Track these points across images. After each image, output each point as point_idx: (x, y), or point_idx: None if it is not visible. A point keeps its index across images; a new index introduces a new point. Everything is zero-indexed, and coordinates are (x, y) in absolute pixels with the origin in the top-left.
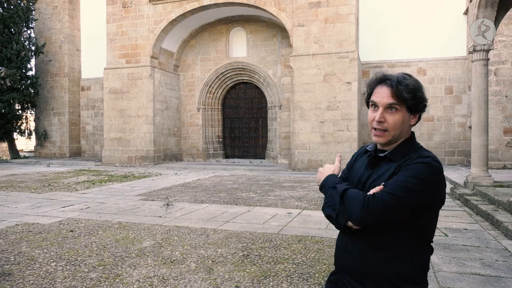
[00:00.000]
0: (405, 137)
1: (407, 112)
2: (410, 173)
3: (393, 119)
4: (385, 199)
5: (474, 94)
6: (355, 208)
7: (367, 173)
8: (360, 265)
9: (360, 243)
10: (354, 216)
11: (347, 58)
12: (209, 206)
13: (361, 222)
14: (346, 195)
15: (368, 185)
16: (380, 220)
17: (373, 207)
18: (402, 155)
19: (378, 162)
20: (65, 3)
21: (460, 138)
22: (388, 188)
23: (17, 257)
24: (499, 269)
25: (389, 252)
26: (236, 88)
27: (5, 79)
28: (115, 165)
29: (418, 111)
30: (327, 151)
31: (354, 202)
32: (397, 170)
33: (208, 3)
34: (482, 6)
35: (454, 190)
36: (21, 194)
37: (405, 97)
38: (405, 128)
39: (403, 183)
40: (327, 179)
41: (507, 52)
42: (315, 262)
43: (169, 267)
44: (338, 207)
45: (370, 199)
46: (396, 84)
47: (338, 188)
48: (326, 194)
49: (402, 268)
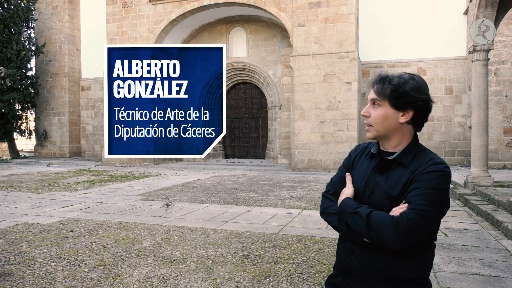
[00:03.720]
0: (408, 138)
1: (392, 108)
2: (428, 184)
3: (374, 114)
4: (413, 217)
5: (474, 94)
6: (386, 232)
7: (375, 178)
8: (369, 268)
9: (369, 247)
10: (387, 241)
11: (347, 58)
12: (209, 206)
13: (398, 245)
14: (372, 220)
15: (380, 193)
16: (413, 238)
17: (404, 228)
18: (411, 158)
19: (386, 166)
20: (65, 3)
21: (460, 138)
22: (413, 205)
23: (17, 257)
24: (499, 269)
25: (399, 255)
26: (236, 88)
27: (5, 79)
28: (115, 165)
29: (404, 107)
30: (327, 151)
31: (384, 226)
32: (411, 177)
33: (208, 3)
34: (482, 6)
35: (454, 190)
36: (21, 194)
37: (386, 92)
38: (391, 125)
39: (425, 196)
40: (344, 204)
41: (507, 52)
42: (315, 262)
43: (169, 267)
44: (364, 233)
45: (399, 220)
46: (380, 80)
47: (361, 212)
48: (347, 220)
49: (411, 270)
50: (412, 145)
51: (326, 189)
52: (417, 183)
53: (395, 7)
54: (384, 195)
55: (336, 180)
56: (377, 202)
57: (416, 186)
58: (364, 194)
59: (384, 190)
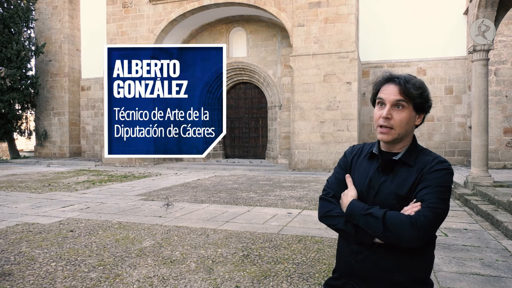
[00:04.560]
0: (411, 139)
1: (413, 111)
2: (438, 182)
3: (399, 117)
4: (428, 215)
5: (474, 94)
6: (404, 231)
7: (379, 178)
8: (375, 268)
9: (377, 248)
10: (406, 240)
11: (347, 58)
12: (209, 206)
13: (414, 244)
14: (388, 220)
15: (388, 193)
16: (428, 236)
17: (422, 226)
18: (414, 158)
19: (391, 167)
20: (65, 3)
21: (460, 138)
22: (427, 203)
23: (17, 257)
24: (499, 269)
25: (404, 255)
26: (236, 88)
27: (5, 79)
28: (115, 165)
29: (424, 110)
30: (327, 151)
31: (401, 226)
32: (419, 176)
33: (208, 3)
34: (482, 6)
35: (454, 190)
36: (21, 194)
37: (413, 95)
38: (410, 128)
39: (437, 194)
40: (353, 206)
41: (507, 52)
42: (315, 262)
43: (169, 267)
44: (380, 233)
45: (417, 219)
46: (404, 82)
47: (375, 213)
48: (357, 222)
49: (415, 269)
50: (413, 145)
51: (324, 192)
52: (426, 181)
53: (395, 7)
54: (392, 195)
55: (334, 182)
56: (385, 202)
57: (425, 184)
58: (368, 195)
59: (392, 190)
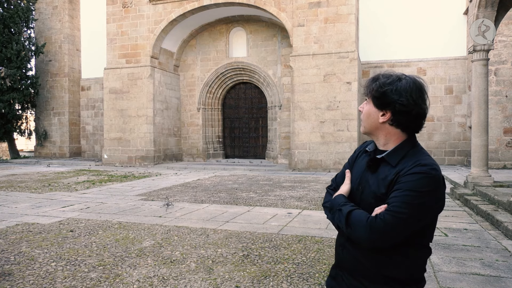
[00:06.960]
0: (397, 139)
1: (374, 107)
2: (408, 186)
3: (364, 110)
4: (386, 218)
5: (474, 94)
6: (360, 231)
7: (367, 176)
8: (356, 263)
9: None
10: (361, 240)
11: (347, 58)
12: (209, 206)
13: (369, 244)
14: (351, 218)
15: (369, 191)
16: (387, 240)
17: (377, 229)
18: (399, 158)
19: (376, 165)
20: (65, 3)
21: (460, 138)
22: (389, 206)
23: (17, 257)
24: (499, 269)
25: (378, 254)
26: (236, 88)
27: (5, 79)
28: (115, 165)
29: (383, 107)
30: (327, 151)
31: (358, 225)
32: (395, 178)
33: (208, 3)
34: (482, 6)
35: (454, 190)
36: (21, 194)
37: (370, 88)
38: (373, 123)
39: (402, 198)
40: (334, 201)
41: (507, 52)
42: (315, 262)
43: (169, 267)
44: (344, 230)
45: (372, 221)
46: (372, 79)
47: (343, 210)
48: (333, 217)
49: (393, 269)
50: (403, 146)
51: (329, 184)
52: (398, 184)
53: (395, 7)
54: (371, 194)
55: (339, 176)
56: (366, 201)
57: (396, 187)
58: (357, 192)
59: (372, 189)
